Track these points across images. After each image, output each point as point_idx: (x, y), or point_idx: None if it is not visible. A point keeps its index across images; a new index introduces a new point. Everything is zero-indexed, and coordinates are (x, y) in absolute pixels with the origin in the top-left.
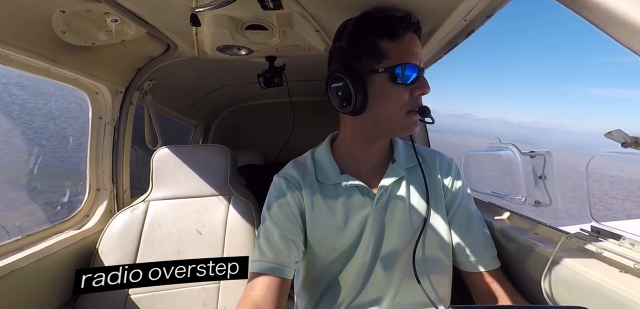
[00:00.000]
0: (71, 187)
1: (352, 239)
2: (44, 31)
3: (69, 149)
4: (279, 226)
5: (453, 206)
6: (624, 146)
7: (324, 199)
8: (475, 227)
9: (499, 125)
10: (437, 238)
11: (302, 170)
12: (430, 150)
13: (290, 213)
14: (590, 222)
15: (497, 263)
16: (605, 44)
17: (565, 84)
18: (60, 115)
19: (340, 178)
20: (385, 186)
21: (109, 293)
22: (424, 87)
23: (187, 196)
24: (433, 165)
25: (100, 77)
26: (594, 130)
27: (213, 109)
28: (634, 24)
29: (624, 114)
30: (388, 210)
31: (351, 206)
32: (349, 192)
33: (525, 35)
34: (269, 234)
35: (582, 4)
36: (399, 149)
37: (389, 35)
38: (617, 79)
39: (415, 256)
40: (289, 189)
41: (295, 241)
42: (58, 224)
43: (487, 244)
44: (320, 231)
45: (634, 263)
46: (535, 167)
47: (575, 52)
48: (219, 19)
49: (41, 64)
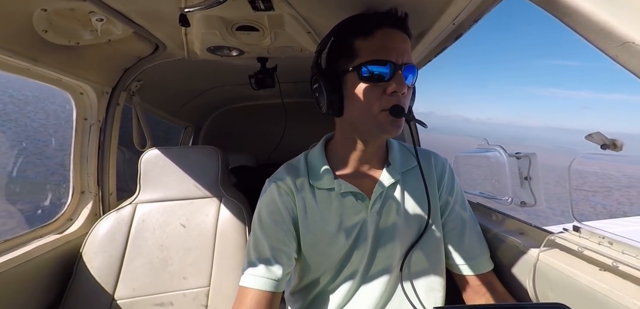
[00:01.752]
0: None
1: (346, 245)
2: (24, 29)
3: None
4: (270, 236)
5: (447, 208)
6: (603, 148)
7: (317, 205)
8: (470, 230)
9: (458, 122)
10: (433, 243)
11: (295, 174)
12: (424, 150)
13: (282, 221)
14: (572, 221)
15: (490, 264)
16: (545, 49)
17: (512, 85)
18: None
19: (334, 183)
20: (380, 190)
21: (93, 299)
22: (398, 85)
23: (177, 198)
24: (428, 166)
25: (85, 78)
26: (536, 125)
27: (204, 110)
28: (611, 30)
29: (561, 112)
30: (383, 215)
31: (345, 211)
32: (342, 197)
33: (481, 38)
34: (260, 246)
35: (563, 10)
36: (394, 151)
37: (362, 32)
38: (555, 80)
39: (410, 262)
40: (280, 196)
41: (286, 252)
42: (39, 228)
43: (481, 247)
44: (313, 238)
45: (613, 261)
46: (521, 168)
47: (520, 54)
48: (209, 20)
49: (21, 64)
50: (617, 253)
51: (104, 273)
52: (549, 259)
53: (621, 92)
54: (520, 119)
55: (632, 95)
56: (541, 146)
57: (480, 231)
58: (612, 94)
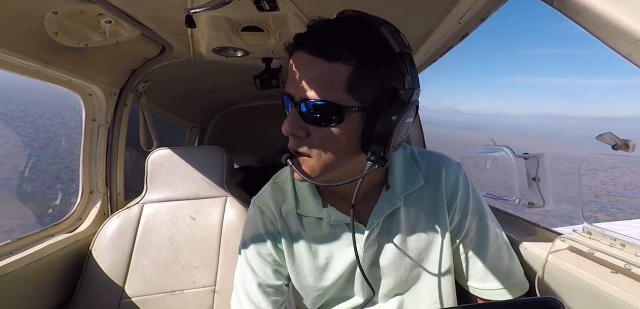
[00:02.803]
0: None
1: (339, 281)
2: (36, 32)
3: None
4: (257, 272)
5: (462, 228)
6: (615, 148)
7: (305, 236)
8: (494, 250)
9: (449, 115)
10: (436, 279)
11: (280, 199)
12: (434, 160)
13: (267, 254)
14: (582, 223)
15: (525, 285)
16: (530, 39)
17: (501, 75)
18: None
19: (322, 211)
20: (376, 220)
21: (102, 297)
22: (284, 125)
23: (183, 198)
24: (437, 182)
25: (93, 79)
26: (524, 113)
27: (209, 110)
28: (623, 28)
29: (546, 98)
30: (381, 247)
31: (336, 244)
32: (333, 229)
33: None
34: (247, 283)
35: (574, 8)
36: (394, 172)
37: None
38: (540, 69)
39: (414, 298)
40: (263, 225)
41: (276, 287)
42: (50, 227)
43: (511, 267)
44: (299, 273)
45: (625, 264)
46: (529, 169)
47: (506, 44)
48: (214, 21)
49: (33, 66)
50: (630, 255)
51: (113, 272)
52: (558, 261)
53: (604, 77)
54: (509, 109)
55: (613, 79)
56: (530, 134)
57: (507, 246)
58: (595, 78)
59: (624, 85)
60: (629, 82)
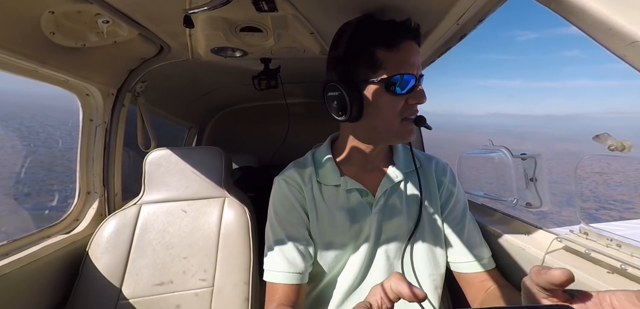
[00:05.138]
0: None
1: (351, 241)
2: (33, 32)
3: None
4: (290, 232)
5: (447, 208)
6: (611, 149)
7: (325, 200)
8: (470, 229)
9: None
10: (430, 239)
11: (302, 171)
12: (427, 155)
13: (298, 217)
14: (579, 224)
15: (492, 263)
16: (482, 45)
17: (459, 78)
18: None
19: (340, 180)
20: (384, 189)
21: (99, 298)
22: (420, 97)
23: (181, 198)
24: (429, 169)
25: (91, 79)
26: (482, 113)
27: (207, 111)
28: (619, 29)
29: (498, 99)
30: (386, 213)
31: (351, 208)
32: (348, 194)
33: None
34: (281, 243)
35: (569, 9)
36: (398, 153)
37: (385, 44)
38: (491, 72)
39: (410, 257)
40: (291, 192)
41: (307, 244)
42: (46, 228)
43: (482, 245)
44: (320, 232)
45: (621, 264)
46: (526, 169)
47: (463, 49)
48: (212, 21)
49: (29, 66)
50: (626, 255)
51: (110, 273)
52: (556, 261)
53: (544, 80)
54: (469, 109)
55: (552, 82)
56: (488, 132)
57: (479, 233)
58: (537, 81)
59: (557, 87)
60: (555, 84)
